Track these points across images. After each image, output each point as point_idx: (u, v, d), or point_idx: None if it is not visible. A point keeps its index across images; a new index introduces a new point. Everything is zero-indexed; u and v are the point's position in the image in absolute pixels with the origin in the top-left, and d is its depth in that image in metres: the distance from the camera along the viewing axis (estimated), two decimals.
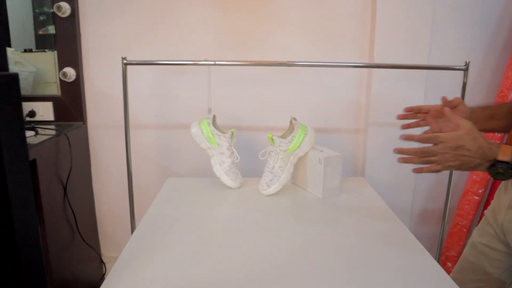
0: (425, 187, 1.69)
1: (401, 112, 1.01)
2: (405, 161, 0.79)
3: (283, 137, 1.26)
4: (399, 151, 0.78)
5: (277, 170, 1.20)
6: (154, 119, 1.62)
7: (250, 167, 1.59)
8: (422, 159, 0.76)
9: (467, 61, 1.27)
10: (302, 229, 1.00)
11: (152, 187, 1.67)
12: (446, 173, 1.36)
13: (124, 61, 1.23)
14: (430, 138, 0.74)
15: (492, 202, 0.95)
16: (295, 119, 1.24)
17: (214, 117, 1.28)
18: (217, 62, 1.22)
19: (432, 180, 1.69)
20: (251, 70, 1.52)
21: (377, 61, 1.43)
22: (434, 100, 1.03)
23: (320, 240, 0.94)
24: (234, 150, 1.25)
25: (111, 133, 1.63)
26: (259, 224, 1.03)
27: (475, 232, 0.97)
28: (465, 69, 1.28)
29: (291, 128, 1.27)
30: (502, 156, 0.71)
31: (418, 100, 1.50)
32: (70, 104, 1.56)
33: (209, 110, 1.28)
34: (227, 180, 1.25)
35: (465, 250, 0.99)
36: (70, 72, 1.51)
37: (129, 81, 1.50)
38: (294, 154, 1.22)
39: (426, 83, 1.51)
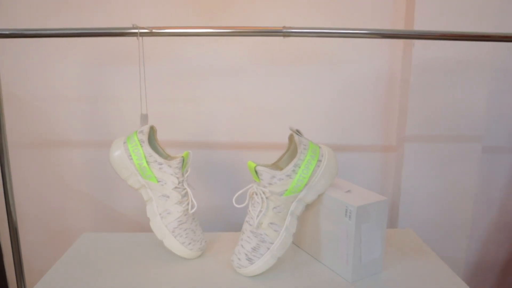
0: (484, 230, 1.14)
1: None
2: None
3: (276, 166, 0.70)
4: None
5: (267, 231, 0.64)
6: (85, 134, 1.06)
7: (223, 212, 1.03)
8: None
9: None
10: None
11: (81, 232, 1.12)
12: None
13: None
14: None
15: None
16: (298, 132, 0.68)
17: (152, 129, 0.72)
18: (154, 30, 0.66)
19: (495, 216, 1.14)
20: (222, 50, 0.96)
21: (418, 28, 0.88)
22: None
23: None
24: (189, 190, 0.69)
25: (28, 155, 1.07)
26: None
27: None
28: None
29: (292, 150, 0.71)
30: None
31: (478, 100, 0.96)
32: None
33: (143, 118, 0.72)
34: (175, 245, 0.68)
35: None
36: None
37: (46, 77, 1.00)
38: (298, 199, 0.65)
39: (494, 73, 0.97)
